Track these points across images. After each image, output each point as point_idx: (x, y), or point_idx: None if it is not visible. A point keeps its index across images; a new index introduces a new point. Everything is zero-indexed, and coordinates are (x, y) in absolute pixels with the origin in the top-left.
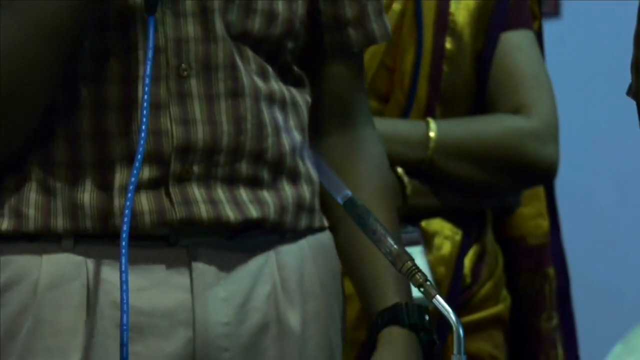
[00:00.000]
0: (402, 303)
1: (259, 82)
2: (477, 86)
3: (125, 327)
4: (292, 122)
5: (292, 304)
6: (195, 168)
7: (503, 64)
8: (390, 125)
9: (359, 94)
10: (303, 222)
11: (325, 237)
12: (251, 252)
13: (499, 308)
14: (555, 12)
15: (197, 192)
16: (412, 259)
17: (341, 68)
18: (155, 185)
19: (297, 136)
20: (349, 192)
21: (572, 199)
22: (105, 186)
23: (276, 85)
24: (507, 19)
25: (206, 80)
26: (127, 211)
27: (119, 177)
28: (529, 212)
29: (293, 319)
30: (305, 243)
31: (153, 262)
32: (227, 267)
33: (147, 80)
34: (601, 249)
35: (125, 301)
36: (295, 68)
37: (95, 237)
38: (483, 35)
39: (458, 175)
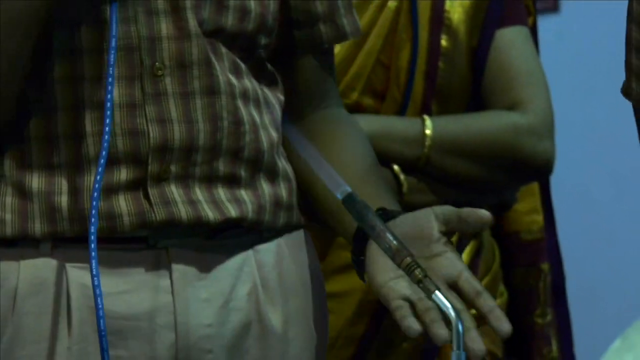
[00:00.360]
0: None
1: (233, 79)
2: (472, 83)
3: (102, 333)
4: (267, 119)
5: (273, 303)
6: (173, 168)
7: (498, 60)
8: (386, 123)
9: (330, 84)
10: (281, 220)
11: (303, 234)
12: (230, 252)
13: (497, 303)
14: (553, 8)
15: (175, 192)
16: (412, 255)
17: (312, 61)
18: (133, 186)
19: (273, 134)
20: (348, 188)
21: (569, 195)
22: (81, 188)
23: (249, 83)
24: (502, 16)
25: (181, 79)
26: (93, 211)
27: (94, 179)
28: (523, 208)
29: (275, 318)
30: (283, 242)
31: (133, 265)
32: (207, 267)
33: (110, 71)
34: (597, 245)
35: (100, 306)
36: (269, 66)
37: (73, 240)
38: (478, 32)
39: (454, 172)
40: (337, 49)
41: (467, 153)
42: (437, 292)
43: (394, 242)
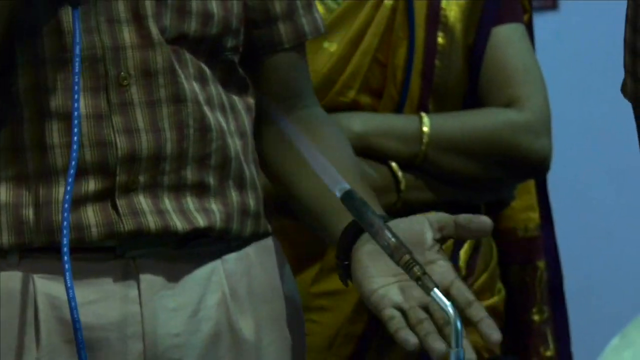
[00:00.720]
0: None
1: (199, 86)
2: (469, 81)
3: (81, 345)
4: (232, 127)
5: (243, 311)
6: (141, 178)
7: (494, 58)
8: (383, 121)
9: (304, 83)
10: (248, 229)
11: (271, 242)
12: (198, 261)
13: (494, 300)
14: (552, 6)
15: (144, 202)
16: (410, 252)
17: (284, 61)
18: (101, 197)
19: (239, 141)
20: (346, 185)
21: (567, 193)
22: (49, 200)
23: (215, 89)
24: (498, 13)
25: (146, 88)
26: (65, 223)
27: (62, 190)
28: (520, 205)
29: (246, 326)
30: (251, 250)
31: (101, 275)
32: (175, 277)
33: (76, 79)
34: (595, 243)
35: (77, 319)
36: (239, 70)
37: (40, 251)
38: (474, 30)
39: (452, 170)
40: (334, 47)
41: (464, 150)
42: (435, 289)
43: (393, 239)
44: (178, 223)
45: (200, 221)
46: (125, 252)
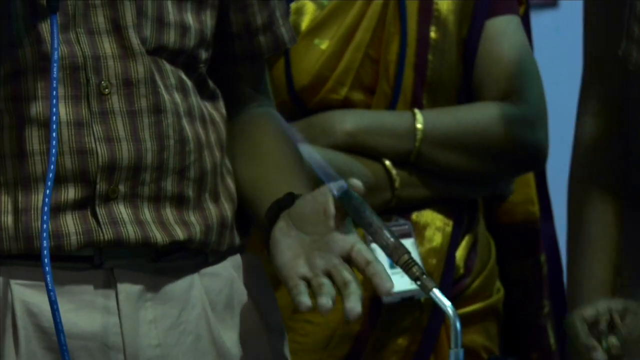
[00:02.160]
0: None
1: (179, 97)
2: (463, 75)
3: (64, 349)
4: (212, 138)
5: (225, 325)
6: (121, 187)
7: (489, 50)
8: (376, 117)
9: (263, 86)
10: (226, 241)
11: (249, 256)
12: (176, 274)
13: (493, 300)
14: (552, 3)
15: (123, 212)
16: (409, 252)
17: (247, 69)
18: (81, 205)
19: (217, 153)
20: (345, 185)
21: (566, 187)
22: (27, 207)
23: (195, 101)
24: (492, 6)
25: (127, 97)
26: (44, 229)
27: (41, 198)
28: (518, 199)
29: (228, 339)
30: (228, 264)
31: (78, 284)
32: (153, 289)
33: (54, 84)
34: None
35: (61, 329)
36: (210, 82)
37: (18, 258)
38: (468, 22)
39: (447, 165)
40: (325, 45)
41: (459, 145)
42: (435, 289)
43: (391, 239)
44: (158, 235)
45: (180, 234)
46: (104, 262)
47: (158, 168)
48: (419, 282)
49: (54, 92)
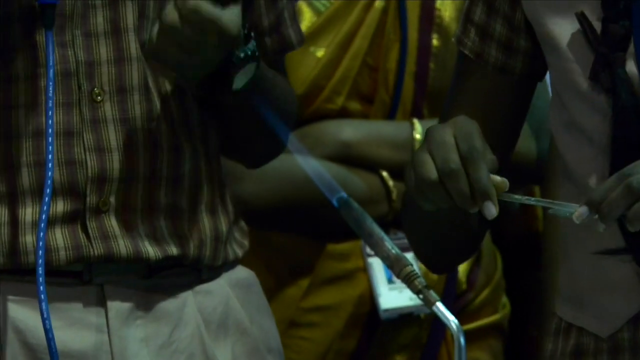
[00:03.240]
0: None
1: (174, 104)
2: None
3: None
4: (210, 148)
5: (219, 344)
6: (112, 199)
7: None
8: (374, 128)
9: None
10: (220, 256)
11: (244, 271)
12: (168, 292)
13: (497, 317)
14: None
15: (115, 225)
16: (411, 264)
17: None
18: (70, 219)
19: (212, 164)
20: (344, 194)
21: None
22: (15, 220)
23: (192, 107)
24: None
25: (121, 104)
26: (40, 252)
27: (30, 211)
28: (524, 211)
29: (223, 359)
30: (223, 281)
31: (67, 301)
32: (144, 307)
33: (50, 104)
34: None
35: (54, 350)
36: None
37: (4, 273)
38: None
39: None
40: (321, 52)
41: None
42: (438, 303)
43: (393, 251)
44: (150, 250)
45: (173, 249)
46: (93, 278)
47: (150, 178)
48: (421, 296)
49: (50, 103)
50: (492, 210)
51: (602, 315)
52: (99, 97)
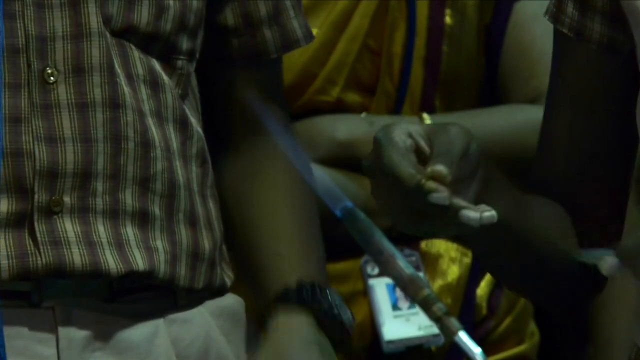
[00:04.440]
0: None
1: (146, 92)
2: (486, 70)
3: None
4: (189, 148)
5: None
6: (67, 198)
7: (517, 40)
8: (375, 124)
9: (275, 101)
10: (202, 278)
11: (230, 298)
12: (135, 318)
13: (524, 347)
14: None
15: (70, 229)
16: (428, 286)
17: (254, 76)
18: (15, 221)
19: (195, 167)
20: (349, 203)
21: None
22: None
23: (170, 100)
24: None
25: (78, 87)
26: None
27: None
28: None
29: None
30: (205, 309)
31: (9, 325)
32: (104, 335)
33: None
34: None
35: None
36: (194, 82)
37: None
38: (491, 5)
39: None
40: (314, 33)
41: None
42: (461, 332)
43: (406, 270)
44: (111, 261)
45: (140, 261)
46: (42, 300)
47: (113, 176)
48: (440, 324)
49: None
50: (439, 199)
51: None
52: (51, 78)
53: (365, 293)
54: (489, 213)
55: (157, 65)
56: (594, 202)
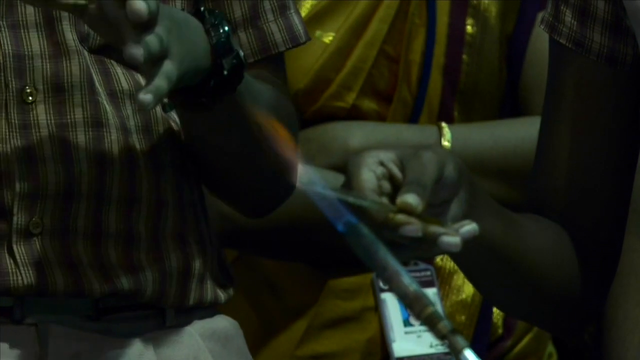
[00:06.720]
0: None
1: (133, 106)
2: (507, 80)
3: None
4: (181, 162)
5: None
6: (47, 220)
7: (540, 50)
8: (391, 133)
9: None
10: (192, 295)
11: (223, 320)
12: (121, 339)
13: None
14: None
15: (50, 250)
16: (433, 304)
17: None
18: None
19: (185, 181)
20: (352, 219)
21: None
22: None
23: (157, 115)
24: None
25: (58, 107)
26: None
27: None
28: None
29: None
30: (194, 330)
31: None
32: (89, 354)
33: None
34: None
35: None
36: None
37: None
38: (514, 14)
39: None
40: (329, 38)
41: (495, 171)
42: (466, 350)
43: (412, 287)
44: (94, 281)
45: (124, 281)
46: (25, 317)
47: (97, 197)
48: (446, 341)
49: None
50: (410, 231)
51: None
52: (30, 98)
53: (376, 309)
54: (469, 226)
55: (142, 79)
56: (592, 220)
